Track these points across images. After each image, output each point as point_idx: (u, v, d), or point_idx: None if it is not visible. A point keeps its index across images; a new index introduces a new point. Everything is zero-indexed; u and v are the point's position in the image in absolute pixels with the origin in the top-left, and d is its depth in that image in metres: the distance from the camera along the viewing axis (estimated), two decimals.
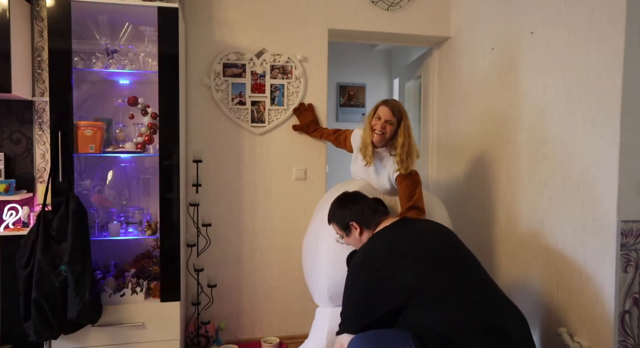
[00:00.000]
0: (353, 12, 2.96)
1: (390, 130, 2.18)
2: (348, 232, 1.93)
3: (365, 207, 1.93)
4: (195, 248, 2.75)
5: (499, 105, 2.53)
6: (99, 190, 2.54)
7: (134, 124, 2.50)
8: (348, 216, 1.92)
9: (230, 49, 2.82)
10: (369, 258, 1.74)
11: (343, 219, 1.94)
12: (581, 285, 1.93)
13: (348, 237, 1.95)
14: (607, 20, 1.79)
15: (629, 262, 1.77)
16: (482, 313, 1.56)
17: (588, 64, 1.89)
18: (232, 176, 2.86)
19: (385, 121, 2.18)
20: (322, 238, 2.17)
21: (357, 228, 1.90)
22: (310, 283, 2.28)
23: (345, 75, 4.95)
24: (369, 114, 2.28)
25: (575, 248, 1.96)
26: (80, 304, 2.08)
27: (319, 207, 2.42)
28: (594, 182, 1.87)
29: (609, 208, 1.79)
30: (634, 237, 1.77)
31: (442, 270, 1.64)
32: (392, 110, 2.18)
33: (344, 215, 1.93)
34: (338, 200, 2.02)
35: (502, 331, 1.53)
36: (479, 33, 2.74)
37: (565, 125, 2.02)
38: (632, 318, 1.78)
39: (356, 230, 1.91)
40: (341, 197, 2.03)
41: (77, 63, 2.32)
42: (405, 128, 2.19)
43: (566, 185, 2.02)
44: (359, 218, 1.90)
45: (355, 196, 2.01)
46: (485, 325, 1.53)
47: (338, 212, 1.97)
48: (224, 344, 2.70)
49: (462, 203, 2.91)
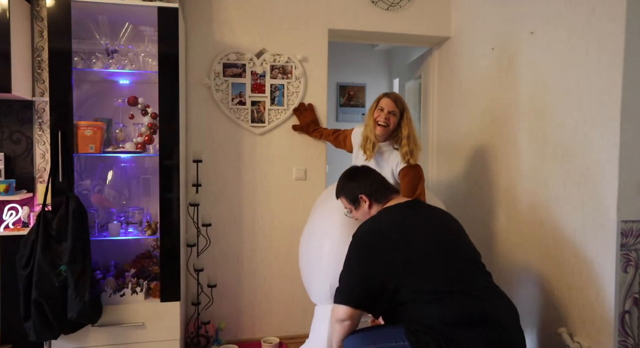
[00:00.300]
0: (353, 12, 2.96)
1: (394, 122, 2.19)
2: (357, 205, 1.90)
3: (374, 181, 1.91)
4: (195, 248, 2.75)
5: (499, 105, 2.53)
6: (99, 190, 2.54)
7: (134, 124, 2.50)
8: (357, 189, 1.89)
9: (230, 49, 2.82)
10: (376, 227, 1.72)
11: (352, 192, 1.90)
12: (581, 285, 1.93)
13: (357, 210, 1.92)
14: (607, 20, 1.79)
15: (629, 262, 1.77)
16: (477, 306, 1.55)
17: (588, 64, 1.89)
18: (232, 176, 2.86)
19: (388, 112, 2.19)
20: (326, 234, 2.15)
21: (367, 202, 1.87)
22: (310, 281, 2.26)
23: (345, 75, 4.95)
24: (370, 108, 2.29)
25: (575, 248, 1.96)
26: (80, 304, 2.08)
27: (317, 205, 2.41)
28: (594, 182, 1.87)
29: (609, 208, 1.79)
30: (634, 237, 1.77)
31: (446, 263, 1.62)
32: (394, 101, 2.20)
33: (354, 188, 1.90)
34: (347, 173, 1.99)
35: (495, 320, 1.53)
36: (479, 33, 2.74)
37: (565, 125, 2.02)
38: (632, 318, 1.78)
39: (365, 203, 1.88)
40: (351, 170, 2.00)
41: (77, 63, 2.32)
42: (408, 119, 2.20)
43: (566, 185, 2.02)
44: (368, 191, 1.87)
45: (364, 170, 1.97)
46: (479, 316, 1.53)
47: (347, 185, 1.93)
48: (224, 344, 2.70)
49: (462, 203, 2.91)
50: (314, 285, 2.22)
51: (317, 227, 2.26)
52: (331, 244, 2.11)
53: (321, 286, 2.14)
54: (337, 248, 2.07)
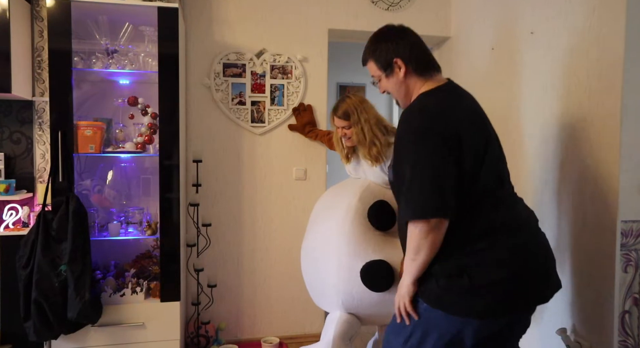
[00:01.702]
0: (353, 12, 2.96)
1: (353, 131, 2.17)
2: (390, 71, 1.50)
3: (414, 44, 1.51)
4: (195, 248, 2.75)
5: (498, 105, 2.53)
6: (99, 190, 2.54)
7: (134, 124, 2.50)
8: (393, 51, 1.48)
9: (230, 48, 2.82)
10: (433, 111, 1.39)
11: (385, 54, 1.50)
12: (581, 285, 1.92)
13: (388, 78, 1.52)
14: (607, 20, 1.79)
15: (629, 262, 1.77)
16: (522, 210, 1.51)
17: (588, 64, 1.89)
18: (232, 176, 2.86)
19: (342, 128, 2.20)
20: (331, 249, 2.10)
21: (402, 68, 1.48)
22: (321, 294, 2.21)
23: (345, 75, 4.94)
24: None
25: (575, 248, 1.96)
26: (80, 304, 2.08)
27: (317, 213, 2.34)
28: (594, 182, 1.87)
29: (609, 208, 1.79)
30: (634, 237, 1.77)
31: (499, 165, 1.49)
32: (340, 117, 2.19)
33: (387, 50, 1.49)
34: (379, 32, 1.57)
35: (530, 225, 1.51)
36: (479, 33, 2.74)
37: (565, 125, 2.02)
38: (632, 318, 1.78)
39: (400, 71, 1.49)
40: (383, 29, 1.57)
41: (77, 63, 2.32)
42: (362, 122, 2.14)
43: (566, 185, 2.02)
44: (406, 55, 1.48)
45: (402, 29, 1.55)
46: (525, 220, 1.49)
47: (380, 46, 1.52)
48: (224, 344, 2.70)
49: None
50: (326, 300, 2.18)
51: (320, 241, 2.20)
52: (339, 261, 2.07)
53: (333, 300, 2.11)
54: (345, 264, 2.05)
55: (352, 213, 2.10)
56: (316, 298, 2.29)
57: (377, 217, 2.10)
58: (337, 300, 2.08)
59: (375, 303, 2.04)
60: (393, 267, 2.00)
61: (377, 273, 2.00)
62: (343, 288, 2.05)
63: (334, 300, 2.10)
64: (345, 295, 2.05)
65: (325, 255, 2.13)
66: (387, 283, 1.99)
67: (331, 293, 2.10)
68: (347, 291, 2.05)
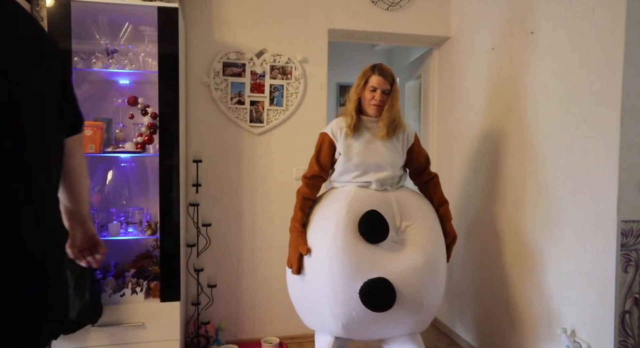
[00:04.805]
0: (353, 12, 2.96)
1: (387, 100, 2.01)
2: None
3: None
4: (195, 248, 2.75)
5: (499, 105, 2.53)
6: (99, 190, 2.54)
7: (134, 124, 2.50)
8: None
9: (230, 48, 2.82)
10: None
11: None
12: (581, 284, 1.92)
13: None
14: (607, 20, 1.79)
15: (629, 262, 1.77)
16: None
17: (588, 64, 1.89)
18: (232, 176, 2.86)
19: (382, 92, 1.99)
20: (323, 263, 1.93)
21: None
22: (311, 311, 2.08)
23: (345, 75, 4.94)
24: (355, 85, 2.07)
25: (575, 248, 1.96)
26: (80, 304, 2.09)
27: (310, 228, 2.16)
28: (594, 182, 1.87)
29: (609, 208, 1.79)
30: (634, 237, 1.77)
31: None
32: (385, 78, 1.99)
33: None
34: None
35: None
36: (479, 33, 2.74)
37: (565, 125, 2.02)
38: (632, 318, 1.78)
39: None
40: None
41: (77, 63, 2.32)
42: (397, 91, 2.03)
43: (566, 185, 2.02)
44: None
45: None
46: None
47: None
48: (224, 344, 2.70)
49: (462, 203, 2.91)
50: (321, 322, 2.03)
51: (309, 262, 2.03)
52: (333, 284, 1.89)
53: (332, 324, 1.96)
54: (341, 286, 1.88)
55: (342, 228, 1.92)
56: (307, 318, 2.15)
57: (371, 230, 1.92)
58: (336, 323, 1.92)
59: (378, 319, 1.89)
60: (393, 283, 1.84)
61: (378, 293, 1.82)
62: (342, 311, 1.88)
63: (332, 324, 1.95)
64: (346, 318, 1.89)
65: (318, 277, 1.95)
66: (389, 301, 1.82)
67: (328, 318, 1.94)
68: (346, 313, 1.88)
